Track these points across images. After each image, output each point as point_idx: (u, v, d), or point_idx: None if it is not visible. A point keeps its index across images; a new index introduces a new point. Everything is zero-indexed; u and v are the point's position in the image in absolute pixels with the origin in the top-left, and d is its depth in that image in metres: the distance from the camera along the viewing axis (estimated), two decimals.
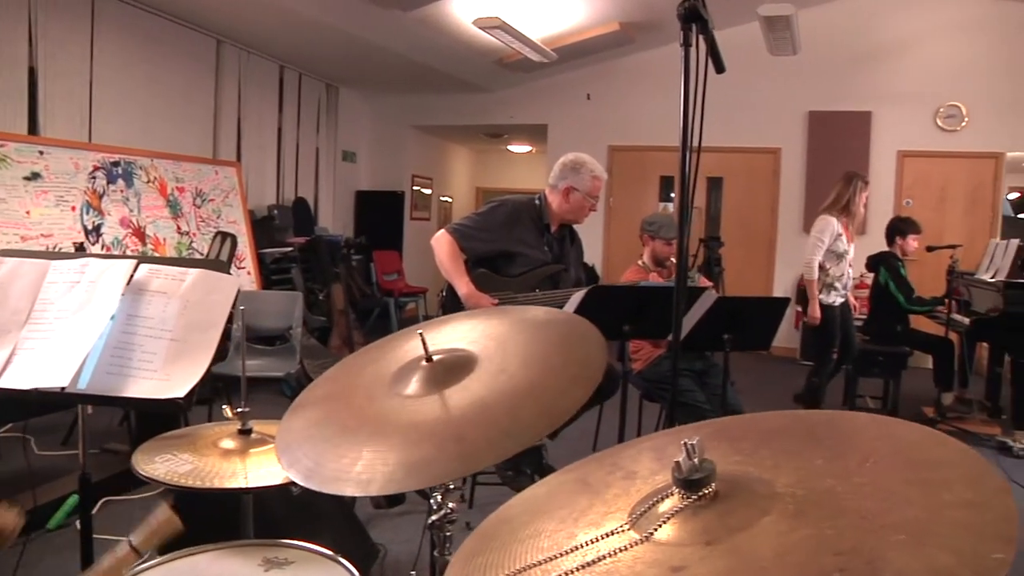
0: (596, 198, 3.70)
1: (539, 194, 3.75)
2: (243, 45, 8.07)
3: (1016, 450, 5.20)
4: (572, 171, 3.64)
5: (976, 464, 0.74)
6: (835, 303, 5.47)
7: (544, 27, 7.86)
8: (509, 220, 3.59)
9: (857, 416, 0.91)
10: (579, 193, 3.62)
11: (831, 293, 5.43)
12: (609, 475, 0.95)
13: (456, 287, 3.47)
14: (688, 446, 0.77)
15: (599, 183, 3.68)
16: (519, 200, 3.72)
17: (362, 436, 1.25)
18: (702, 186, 9.52)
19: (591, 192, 3.64)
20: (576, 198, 3.63)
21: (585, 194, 3.63)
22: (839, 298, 5.48)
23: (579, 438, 4.97)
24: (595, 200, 3.70)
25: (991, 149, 8.50)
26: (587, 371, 1.26)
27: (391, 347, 1.56)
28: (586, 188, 3.62)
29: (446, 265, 3.51)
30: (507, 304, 3.48)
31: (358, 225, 10.83)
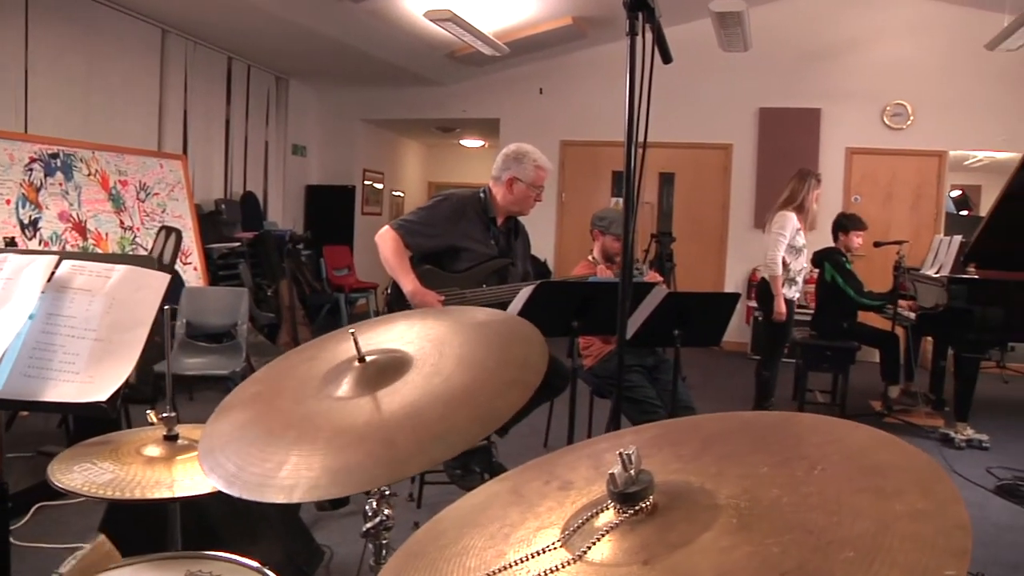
0: (540, 188, 3.65)
1: (483, 187, 3.68)
2: (189, 35, 7.87)
3: (958, 442, 5.28)
4: (515, 161, 3.58)
5: (927, 469, 0.71)
6: (794, 298, 5.50)
7: (496, 20, 7.79)
8: (454, 214, 3.53)
9: (805, 418, 0.87)
10: (523, 184, 3.57)
11: (791, 288, 5.46)
12: (545, 485, 0.89)
13: (401, 284, 3.39)
14: (624, 456, 0.72)
15: (543, 173, 3.62)
16: (464, 194, 3.67)
17: (288, 439, 1.18)
18: (654, 181, 9.54)
19: (535, 182, 3.58)
20: (520, 189, 3.58)
21: (529, 184, 3.57)
22: (796, 292, 5.52)
23: (529, 435, 4.94)
24: (539, 190, 3.65)
25: (935, 147, 8.66)
26: (526, 374, 1.20)
27: (326, 347, 1.49)
28: (529, 178, 3.57)
29: (391, 262, 3.43)
30: (454, 300, 3.42)
31: (308, 220, 10.67)
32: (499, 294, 3.46)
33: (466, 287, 3.47)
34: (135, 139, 7.26)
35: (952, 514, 0.63)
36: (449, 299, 3.40)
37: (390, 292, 3.54)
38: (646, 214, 9.51)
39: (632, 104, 1.63)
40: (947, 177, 8.85)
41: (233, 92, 8.87)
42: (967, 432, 5.32)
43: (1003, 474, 4.72)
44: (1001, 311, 5.17)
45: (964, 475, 4.69)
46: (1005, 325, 5.19)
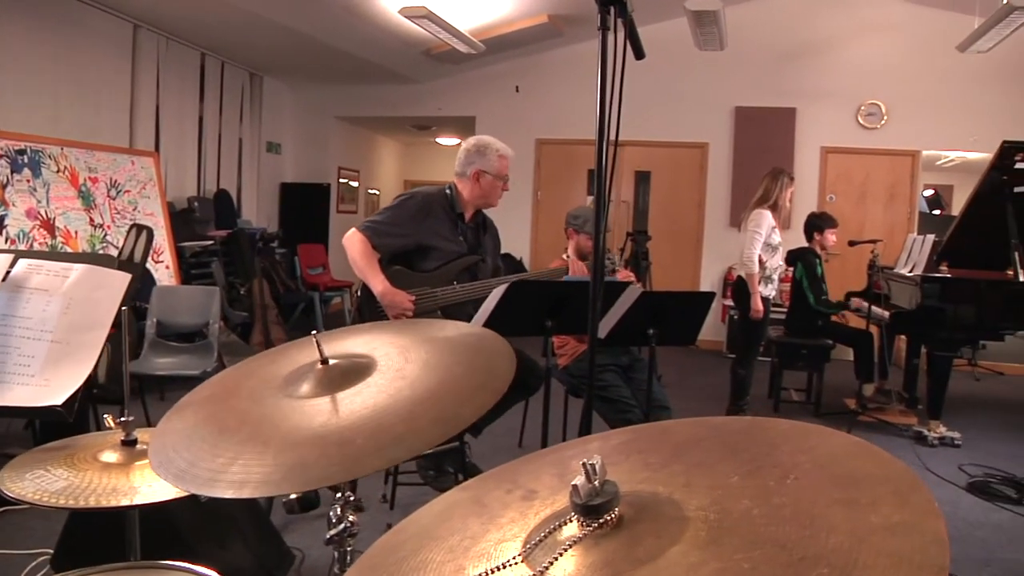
0: (506, 177, 3.62)
1: (449, 184, 3.65)
2: (161, 31, 7.75)
3: (931, 439, 5.31)
4: (478, 154, 3.55)
5: (903, 478, 0.68)
6: (770, 296, 5.51)
7: (472, 18, 7.74)
8: (420, 212, 3.49)
9: (778, 424, 0.83)
10: (489, 175, 3.54)
11: (768, 285, 5.47)
12: (507, 494, 0.86)
13: (371, 286, 3.34)
14: (588, 467, 0.69)
15: (506, 161, 3.59)
16: (429, 191, 3.62)
17: (242, 436, 1.14)
18: (630, 180, 9.54)
19: (500, 172, 3.56)
20: (487, 181, 3.54)
21: (496, 175, 3.54)
22: (772, 291, 5.52)
23: (504, 434, 4.91)
24: (506, 179, 3.62)
25: (908, 147, 8.72)
26: (492, 381, 1.17)
27: (291, 350, 1.46)
28: (495, 169, 3.54)
29: (359, 264, 3.38)
30: (425, 300, 3.39)
31: (283, 218, 10.57)
32: (471, 291, 3.43)
33: (437, 286, 3.44)
34: (106, 136, 7.14)
35: (930, 528, 0.60)
36: (420, 299, 3.37)
37: (360, 294, 3.49)
38: (622, 213, 9.50)
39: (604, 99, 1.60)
40: (920, 176, 8.91)
41: (206, 88, 8.76)
42: (940, 430, 5.35)
43: (974, 471, 4.75)
44: (973, 309, 5.20)
45: (937, 472, 4.71)
46: (977, 323, 5.22)
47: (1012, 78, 8.30)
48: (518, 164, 9.55)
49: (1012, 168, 5.27)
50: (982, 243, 5.48)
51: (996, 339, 5.50)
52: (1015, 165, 5.26)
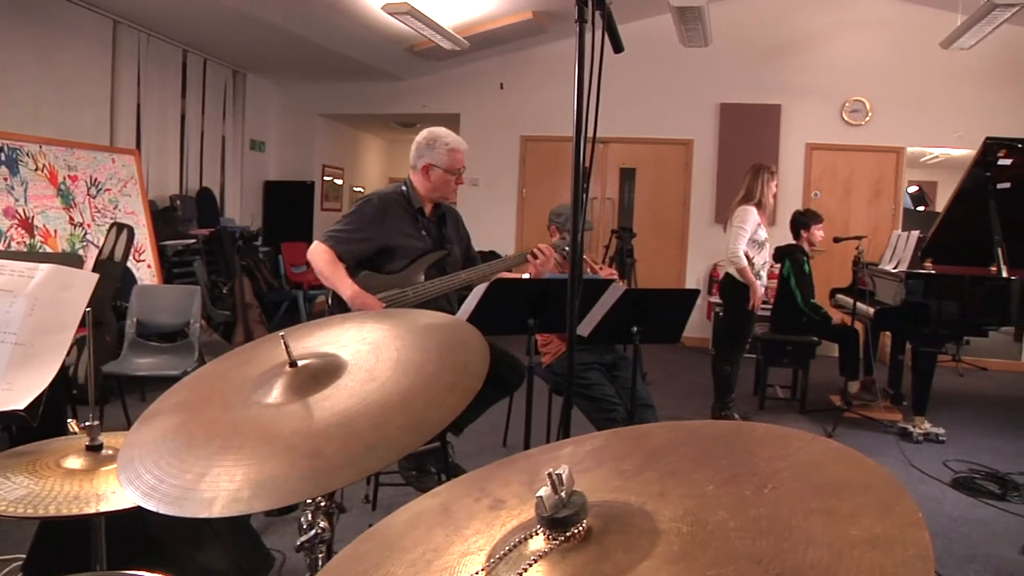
0: (458, 171, 3.53)
1: (405, 180, 3.61)
2: (142, 27, 7.67)
3: (916, 436, 5.31)
4: (427, 148, 3.50)
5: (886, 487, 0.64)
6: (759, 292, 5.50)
7: (456, 14, 7.70)
8: (379, 214, 3.44)
9: (756, 428, 0.80)
10: (439, 169, 3.48)
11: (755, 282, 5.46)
12: (475, 503, 0.82)
13: (340, 292, 3.30)
14: (553, 477, 0.65)
15: (457, 154, 3.51)
16: (385, 191, 3.59)
17: (211, 448, 1.10)
18: (615, 177, 9.52)
19: (451, 166, 3.48)
20: (437, 175, 3.49)
21: (446, 169, 3.48)
22: (761, 287, 5.51)
23: (488, 433, 4.88)
24: (458, 173, 3.54)
25: (893, 143, 8.73)
26: (465, 379, 1.14)
27: (260, 350, 1.41)
28: (444, 162, 3.48)
29: (325, 273, 3.35)
30: (397, 300, 3.35)
31: (267, 216, 10.50)
32: (441, 286, 3.40)
33: (406, 285, 3.40)
34: (86, 133, 7.06)
35: (913, 540, 0.57)
36: (391, 300, 3.33)
37: (331, 304, 3.45)
38: (607, 210, 9.49)
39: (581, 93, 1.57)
40: (905, 173, 8.93)
41: (189, 86, 8.68)
42: (924, 426, 5.35)
43: (959, 467, 4.76)
44: (957, 306, 5.20)
45: (922, 469, 4.71)
46: (960, 319, 5.22)
47: (995, 75, 8.32)
48: (503, 161, 9.63)
49: (995, 164, 5.28)
50: (966, 239, 5.49)
51: (979, 335, 5.50)
52: (998, 162, 5.27)
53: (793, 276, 6.00)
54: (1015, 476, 4.56)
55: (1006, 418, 6.21)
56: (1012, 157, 5.25)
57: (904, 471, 4.69)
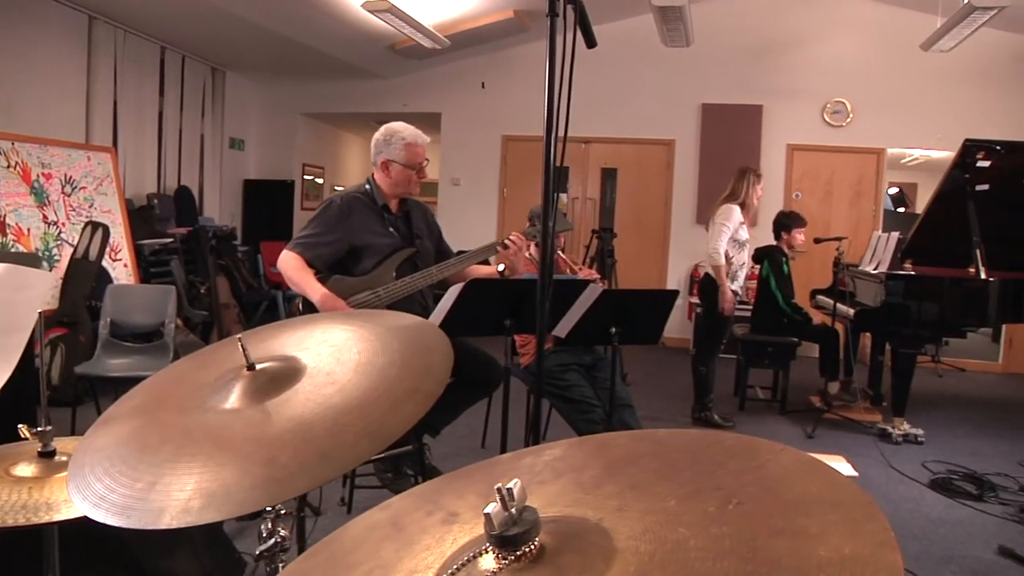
0: (418, 166, 3.48)
1: (368, 178, 3.57)
2: (119, 23, 7.56)
3: (895, 437, 5.32)
4: (384, 144, 3.47)
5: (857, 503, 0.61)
6: (737, 292, 5.50)
7: (436, 13, 7.65)
8: (342, 214, 3.41)
9: (724, 439, 0.76)
10: (398, 164, 3.44)
11: (733, 282, 5.46)
12: (427, 517, 0.78)
13: (309, 296, 3.26)
14: (503, 492, 0.61)
15: (415, 148, 3.47)
16: (347, 191, 3.56)
17: (164, 456, 1.06)
18: (596, 177, 9.50)
19: (409, 161, 3.44)
20: (396, 170, 3.45)
21: (404, 164, 3.44)
22: (738, 287, 5.51)
23: (466, 435, 4.84)
24: (417, 168, 3.49)
25: (873, 145, 8.76)
26: (426, 384, 1.09)
27: (220, 353, 1.36)
28: (402, 158, 3.44)
29: (294, 279, 3.31)
30: (369, 300, 3.31)
31: (246, 215, 10.41)
32: (412, 284, 3.35)
33: (377, 285, 3.36)
34: (60, 131, 6.95)
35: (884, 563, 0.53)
36: (363, 301, 3.29)
37: (301, 309, 3.40)
38: (588, 210, 9.47)
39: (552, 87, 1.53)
40: (885, 174, 8.96)
41: (167, 83, 8.57)
42: (903, 427, 5.36)
43: (937, 468, 4.76)
44: (936, 307, 5.21)
45: (901, 470, 4.72)
46: (940, 320, 5.23)
47: (974, 77, 8.36)
48: (484, 161, 9.58)
49: (974, 166, 5.28)
50: (945, 241, 5.49)
51: (958, 336, 5.52)
52: (977, 163, 5.28)
53: (773, 277, 6.01)
54: (992, 476, 4.57)
55: (984, 419, 6.24)
56: (990, 159, 5.26)
57: (883, 472, 4.69)
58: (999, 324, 5.53)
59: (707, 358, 5.63)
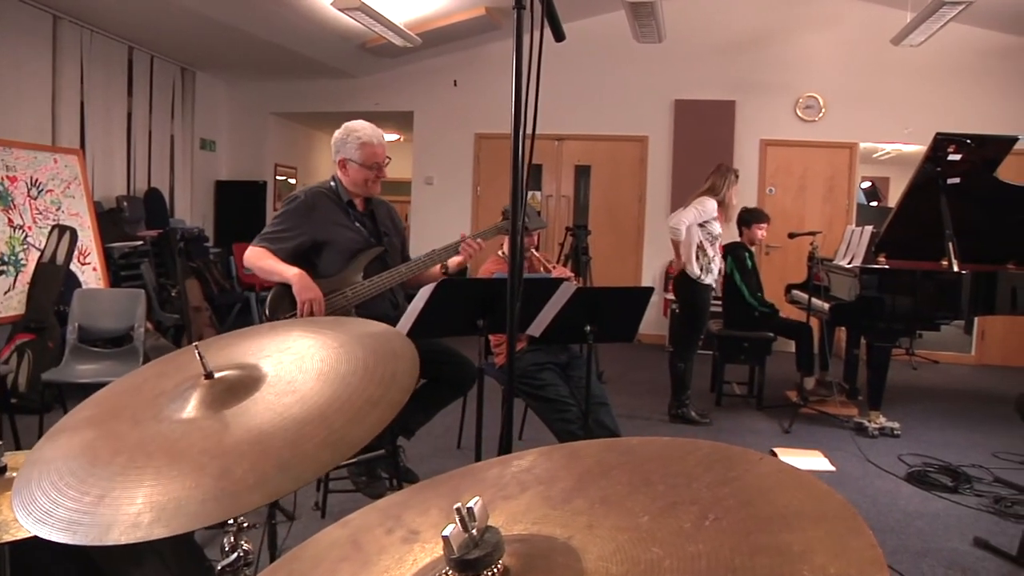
0: (375, 166, 3.44)
1: (334, 175, 3.53)
2: (84, 23, 7.43)
3: (871, 430, 5.33)
4: (342, 143, 3.44)
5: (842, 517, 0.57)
6: (711, 285, 5.50)
7: (408, 11, 7.58)
8: (306, 208, 3.39)
9: (699, 447, 0.73)
10: (354, 163, 3.41)
11: (708, 276, 5.46)
12: (387, 535, 0.74)
13: (284, 277, 3.23)
14: (462, 512, 0.57)
15: (371, 148, 3.43)
16: (312, 187, 3.54)
17: (115, 468, 1.01)
18: (570, 174, 9.47)
19: (365, 160, 3.40)
20: (353, 169, 3.42)
21: (360, 163, 3.41)
22: (714, 281, 5.51)
23: (443, 435, 4.80)
24: (376, 168, 3.45)
25: (846, 139, 8.79)
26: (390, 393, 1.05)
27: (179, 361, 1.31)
28: (358, 157, 3.40)
29: (265, 267, 3.28)
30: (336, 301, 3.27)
31: (218, 217, 10.28)
32: (380, 283, 3.32)
33: (345, 285, 3.32)
34: (26, 132, 6.82)
35: None
36: (331, 300, 3.25)
37: (268, 301, 3.35)
38: (562, 207, 9.44)
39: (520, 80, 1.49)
40: (858, 169, 9.00)
41: (135, 84, 8.43)
42: (880, 420, 5.38)
43: (913, 461, 4.78)
44: (910, 300, 5.23)
45: (877, 464, 4.73)
46: (914, 313, 5.25)
47: (944, 71, 8.43)
48: (457, 159, 9.53)
49: (945, 160, 5.31)
50: (918, 234, 5.51)
51: (932, 329, 5.55)
52: (948, 157, 5.30)
53: (737, 272, 6.02)
54: (967, 468, 4.59)
55: (958, 411, 6.28)
56: (961, 153, 5.28)
57: (860, 466, 4.70)
58: (971, 316, 5.55)
59: (685, 355, 5.62)
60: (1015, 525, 3.70)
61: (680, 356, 5.65)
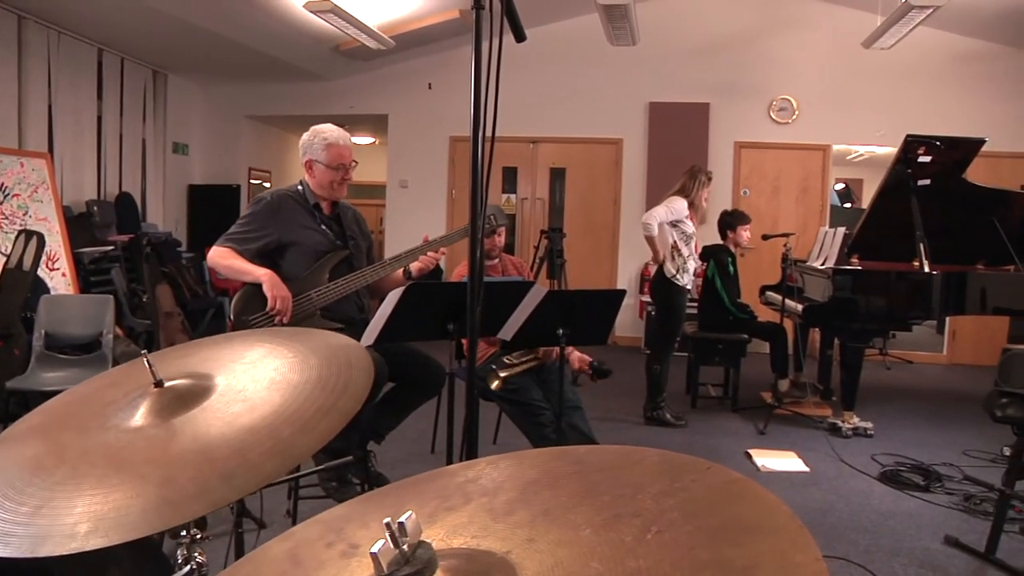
0: (341, 167, 3.41)
1: (301, 179, 3.52)
2: (51, 24, 7.32)
3: (845, 431, 5.36)
4: (308, 144, 3.43)
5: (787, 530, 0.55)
6: (687, 285, 5.50)
7: (381, 13, 7.54)
8: (272, 209, 3.37)
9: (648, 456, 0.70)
10: (320, 164, 3.39)
11: (684, 276, 5.47)
12: (327, 548, 0.71)
13: (254, 276, 3.21)
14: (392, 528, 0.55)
15: (337, 149, 3.40)
16: (279, 189, 3.53)
17: (57, 478, 0.98)
18: (545, 177, 9.46)
19: (331, 162, 3.38)
20: (319, 170, 3.40)
21: (326, 165, 3.39)
22: (689, 281, 5.52)
23: (416, 439, 4.78)
24: (341, 169, 3.41)
25: (819, 141, 8.85)
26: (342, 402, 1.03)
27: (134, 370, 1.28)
28: (323, 158, 3.38)
29: (233, 266, 3.25)
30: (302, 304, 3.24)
31: (191, 221, 10.19)
32: (346, 286, 3.30)
33: (310, 288, 3.29)
34: None
35: None
36: (297, 303, 3.22)
37: (235, 302, 3.31)
38: (537, 210, 9.43)
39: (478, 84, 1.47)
40: (831, 170, 9.06)
41: (105, 86, 8.33)
42: (853, 420, 5.41)
43: (886, 460, 4.81)
44: (883, 300, 5.26)
45: (851, 464, 4.75)
46: (886, 314, 5.28)
47: (914, 74, 8.52)
48: (432, 162, 9.49)
49: (916, 161, 5.35)
50: (890, 235, 5.55)
51: (905, 329, 5.59)
52: (918, 159, 5.34)
53: (718, 278, 6.05)
54: (938, 466, 4.63)
55: (930, 410, 6.33)
56: (931, 155, 5.32)
57: (834, 467, 4.71)
58: (943, 316, 5.59)
59: (661, 357, 5.63)
60: (984, 522, 3.72)
61: (656, 358, 5.65)
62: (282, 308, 3.16)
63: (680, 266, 5.45)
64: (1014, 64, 8.47)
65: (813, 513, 3.93)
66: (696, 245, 5.63)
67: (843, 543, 3.55)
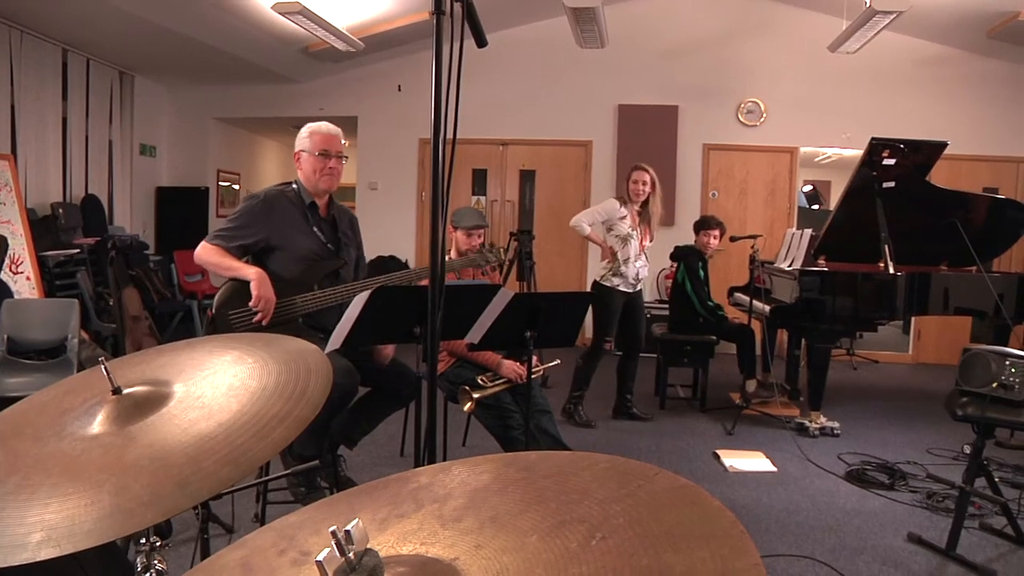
0: (327, 152, 3.41)
1: (295, 179, 3.51)
2: (14, 23, 7.21)
3: (812, 431, 5.41)
4: (298, 140, 3.46)
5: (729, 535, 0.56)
6: (617, 287, 5.50)
7: (350, 15, 7.52)
8: (265, 208, 3.35)
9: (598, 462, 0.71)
10: (306, 153, 3.40)
11: (615, 278, 5.48)
12: (278, 556, 0.71)
13: (243, 275, 3.18)
14: (338, 536, 0.55)
15: (320, 136, 3.42)
16: (273, 188, 3.51)
17: (8, 488, 0.97)
18: (514, 179, 9.47)
19: (314, 148, 3.39)
20: (306, 159, 3.40)
21: (310, 152, 3.39)
22: (625, 286, 5.51)
23: (386, 443, 4.76)
24: (328, 154, 3.40)
25: (786, 144, 8.94)
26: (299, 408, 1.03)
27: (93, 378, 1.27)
28: (308, 146, 3.40)
29: (222, 264, 3.22)
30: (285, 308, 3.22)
31: (159, 223, 10.08)
32: (333, 296, 3.28)
33: (296, 293, 3.27)
34: None
35: None
36: (280, 307, 3.20)
37: (218, 296, 3.29)
38: (507, 212, 9.44)
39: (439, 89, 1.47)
40: (799, 173, 9.16)
41: (70, 88, 8.21)
42: (820, 420, 5.46)
43: (852, 459, 4.86)
44: (849, 301, 5.33)
45: (818, 463, 4.79)
46: (853, 315, 5.35)
47: (879, 78, 8.64)
48: (402, 164, 9.46)
49: (880, 164, 5.42)
50: (855, 237, 5.62)
51: (871, 329, 5.65)
52: (883, 161, 5.41)
53: (688, 281, 6.09)
54: (902, 465, 4.69)
55: (895, 409, 6.41)
56: (895, 157, 5.40)
57: (801, 466, 4.76)
58: (907, 316, 5.67)
59: (587, 355, 5.67)
60: (946, 518, 3.78)
61: (583, 355, 5.70)
62: (264, 308, 3.14)
63: (614, 269, 5.47)
64: (973, 69, 8.63)
65: (780, 513, 3.97)
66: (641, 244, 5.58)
67: (809, 542, 3.60)
